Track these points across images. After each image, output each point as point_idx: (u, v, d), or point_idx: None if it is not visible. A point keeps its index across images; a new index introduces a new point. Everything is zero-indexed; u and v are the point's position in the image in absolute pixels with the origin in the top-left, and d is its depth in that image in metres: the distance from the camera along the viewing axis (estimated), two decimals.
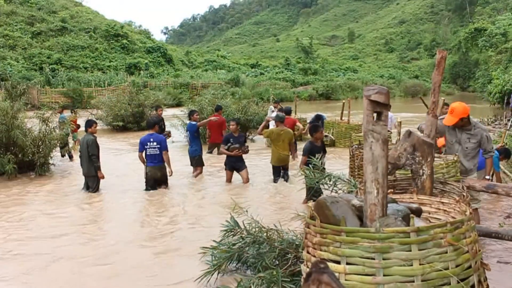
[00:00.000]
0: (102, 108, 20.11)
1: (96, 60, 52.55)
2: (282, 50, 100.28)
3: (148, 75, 50.86)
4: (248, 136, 15.48)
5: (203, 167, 10.21)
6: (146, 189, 8.73)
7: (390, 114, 14.54)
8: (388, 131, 12.29)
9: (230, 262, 4.69)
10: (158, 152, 8.63)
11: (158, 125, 9.42)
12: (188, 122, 11.34)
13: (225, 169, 9.42)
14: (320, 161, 5.56)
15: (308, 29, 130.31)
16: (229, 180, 9.37)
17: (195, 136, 10.21)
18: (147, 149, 8.64)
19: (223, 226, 4.80)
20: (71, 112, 15.18)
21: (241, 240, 4.74)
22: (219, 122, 11.94)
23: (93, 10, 67.15)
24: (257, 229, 4.69)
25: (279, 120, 9.37)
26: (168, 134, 11.16)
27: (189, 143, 10.76)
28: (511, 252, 5.30)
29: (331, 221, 2.54)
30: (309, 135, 8.11)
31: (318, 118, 15.24)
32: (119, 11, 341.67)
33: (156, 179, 8.78)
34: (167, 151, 8.79)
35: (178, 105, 33.64)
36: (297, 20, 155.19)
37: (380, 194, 2.49)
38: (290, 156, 9.67)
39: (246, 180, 9.26)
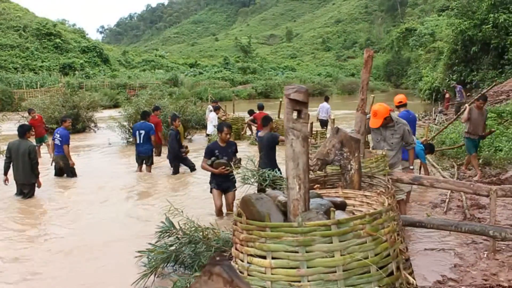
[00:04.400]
0: (35, 110, 19.29)
1: (27, 60, 50.29)
2: (221, 50, 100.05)
3: (83, 75, 49.20)
4: (187, 136, 15.45)
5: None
6: (55, 174, 10.12)
7: (327, 105, 15.06)
8: (327, 120, 12.77)
9: (167, 264, 4.67)
10: (60, 144, 9.93)
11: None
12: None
13: (211, 190, 7.10)
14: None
15: (246, 28, 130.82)
16: (219, 203, 7.00)
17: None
18: (55, 140, 10.03)
19: (158, 228, 4.77)
20: (28, 114, 14.60)
21: (177, 240, 4.73)
22: (156, 123, 11.81)
23: (22, 7, 64.04)
24: (193, 229, 4.70)
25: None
26: (186, 149, 10.92)
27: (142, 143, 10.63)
28: (437, 239, 5.66)
29: (256, 217, 2.60)
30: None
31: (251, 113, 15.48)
32: (51, 9, 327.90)
33: (60, 167, 10.08)
34: (68, 145, 9.99)
35: (116, 106, 32.86)
36: (235, 19, 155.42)
37: (302, 190, 2.57)
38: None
39: (231, 206, 7.03)
